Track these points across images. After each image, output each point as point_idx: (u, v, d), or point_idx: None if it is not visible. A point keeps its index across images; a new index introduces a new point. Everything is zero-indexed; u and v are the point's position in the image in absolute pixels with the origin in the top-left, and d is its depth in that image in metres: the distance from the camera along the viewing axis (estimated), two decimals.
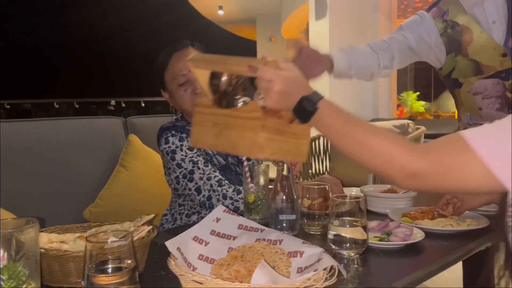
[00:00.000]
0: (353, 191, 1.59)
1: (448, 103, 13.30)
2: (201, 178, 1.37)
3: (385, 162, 0.70)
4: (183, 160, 1.39)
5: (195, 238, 0.81)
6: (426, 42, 1.51)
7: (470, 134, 0.66)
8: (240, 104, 0.87)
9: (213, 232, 0.83)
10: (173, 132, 1.44)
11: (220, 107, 0.90)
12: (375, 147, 0.72)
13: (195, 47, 1.47)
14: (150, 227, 0.87)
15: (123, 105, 10.86)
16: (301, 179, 2.74)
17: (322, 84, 3.76)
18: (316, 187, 1.16)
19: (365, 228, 0.94)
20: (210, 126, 0.91)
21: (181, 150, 1.41)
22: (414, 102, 10.32)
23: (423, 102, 10.54)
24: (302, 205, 1.18)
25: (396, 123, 2.58)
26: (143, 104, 10.40)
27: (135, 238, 0.81)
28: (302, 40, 8.68)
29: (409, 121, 2.57)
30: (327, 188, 1.15)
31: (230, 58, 0.86)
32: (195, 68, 0.92)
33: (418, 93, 10.69)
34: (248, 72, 0.82)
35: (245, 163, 1.21)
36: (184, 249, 0.77)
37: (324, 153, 2.92)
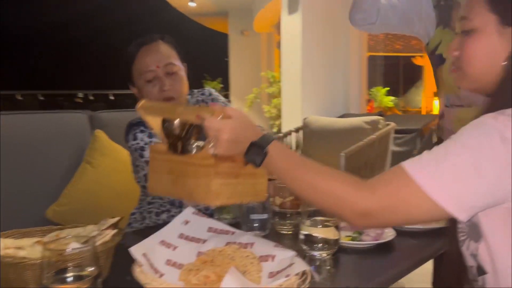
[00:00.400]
0: None
1: (416, 99, 13.63)
2: None
3: (336, 204, 0.72)
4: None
5: (163, 242, 0.77)
6: (416, 9, 1.49)
7: (411, 167, 0.68)
8: (194, 150, 0.88)
9: (181, 236, 0.80)
10: (142, 128, 1.38)
11: (175, 152, 0.90)
12: (325, 190, 0.73)
13: (165, 41, 1.40)
14: (115, 230, 0.82)
15: (91, 97, 10.55)
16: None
17: (294, 81, 3.79)
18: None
19: (337, 227, 0.93)
20: (166, 173, 0.90)
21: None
22: (383, 97, 10.53)
23: (392, 97, 10.77)
24: (273, 204, 1.16)
25: (367, 119, 2.60)
26: (112, 97, 10.13)
27: (98, 243, 0.77)
28: (274, 34, 8.67)
29: (380, 117, 2.60)
30: None
31: (179, 107, 0.87)
32: (146, 115, 0.93)
33: (388, 88, 10.92)
34: (197, 121, 0.83)
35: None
36: (151, 254, 0.74)
37: (296, 148, 2.92)
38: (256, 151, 0.79)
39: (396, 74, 12.70)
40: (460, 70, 0.81)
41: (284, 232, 1.14)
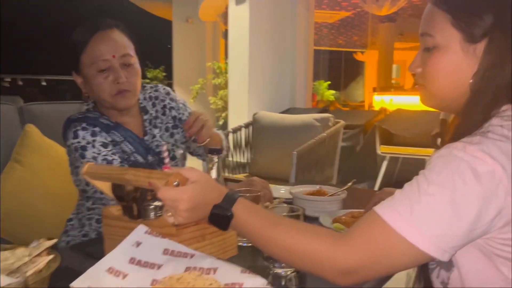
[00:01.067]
0: (282, 190, 1.53)
1: (356, 93, 14.13)
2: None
3: (315, 264, 0.67)
4: (95, 158, 1.20)
5: (111, 270, 0.66)
6: None
7: (386, 213, 0.64)
8: (152, 213, 0.81)
9: (132, 261, 0.69)
10: (84, 125, 1.23)
11: (131, 218, 0.83)
12: (301, 250, 0.68)
13: (120, 29, 1.25)
14: (51, 256, 0.70)
15: (20, 83, 9.74)
16: (225, 172, 2.65)
17: (241, 73, 3.72)
18: (248, 194, 1.06)
19: None
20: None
21: (93, 146, 1.21)
22: (325, 91, 10.78)
23: (333, 91, 11.06)
24: None
25: (317, 117, 2.58)
26: (44, 83, 9.43)
27: (30, 272, 0.64)
28: (220, 23, 8.51)
29: (329, 115, 2.60)
30: (260, 194, 1.06)
31: (128, 171, 0.77)
32: (92, 180, 0.85)
33: (329, 82, 11.19)
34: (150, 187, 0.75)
35: (166, 160, 1.06)
36: (97, 285, 0.62)
37: (246, 144, 2.85)
38: (221, 215, 0.71)
39: (338, 68, 13.05)
40: (424, 87, 0.78)
41: (244, 244, 1.05)
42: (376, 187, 4.26)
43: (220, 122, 5.72)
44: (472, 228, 0.61)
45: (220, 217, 0.71)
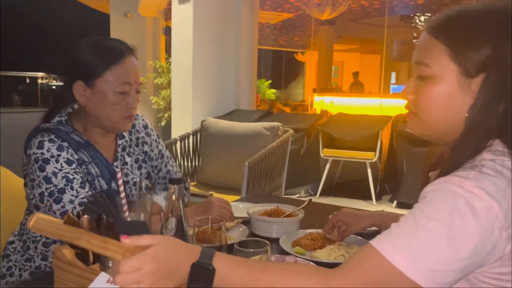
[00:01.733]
0: (240, 206, 1.51)
1: (296, 92, 14.43)
2: (71, 201, 1.11)
3: None
4: (54, 174, 1.12)
5: None
6: None
7: (383, 247, 0.65)
8: (111, 262, 0.72)
9: None
10: (52, 137, 1.16)
11: (85, 263, 0.76)
12: None
13: (135, 55, 1.26)
14: None
15: None
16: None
17: (185, 72, 3.63)
18: (209, 226, 1.02)
19: None
20: None
21: (57, 161, 1.13)
22: (266, 90, 10.89)
23: (274, 90, 11.21)
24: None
25: (267, 125, 2.58)
26: None
27: None
28: (160, 20, 8.25)
29: (279, 124, 2.60)
30: (222, 225, 1.03)
31: (82, 236, 0.69)
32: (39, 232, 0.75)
33: (270, 81, 11.31)
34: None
35: (121, 190, 1.00)
36: None
37: (194, 152, 2.78)
38: (200, 274, 0.66)
39: (279, 68, 13.23)
40: (415, 115, 0.77)
41: None
42: (319, 190, 4.37)
43: (163, 123, 5.57)
44: (468, 264, 0.63)
45: (202, 274, 0.66)
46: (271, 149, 2.32)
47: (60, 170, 1.13)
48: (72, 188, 1.12)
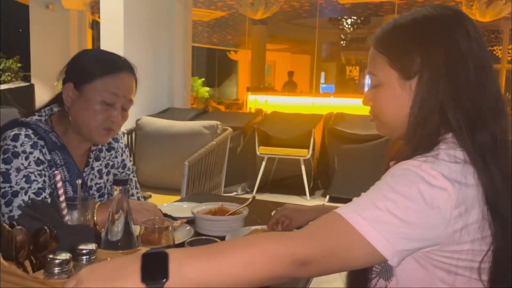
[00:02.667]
0: (184, 205, 1.49)
1: (230, 91, 14.46)
2: (20, 207, 1.06)
3: (274, 262, 0.64)
4: (18, 170, 1.09)
5: None
6: None
7: (350, 215, 0.69)
8: (56, 270, 0.69)
9: None
10: (30, 132, 1.13)
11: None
12: (257, 254, 0.65)
13: (133, 74, 1.27)
14: None
15: None
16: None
17: None
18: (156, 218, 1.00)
19: None
20: None
21: (26, 158, 1.10)
22: (199, 88, 10.81)
23: (207, 88, 11.16)
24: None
25: (206, 124, 2.56)
26: None
27: None
28: (87, 13, 7.85)
29: (218, 122, 2.60)
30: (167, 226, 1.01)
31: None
32: None
33: (203, 79, 11.23)
34: None
35: (61, 193, 0.94)
36: None
37: (129, 152, 2.68)
38: (154, 261, 0.61)
39: (212, 66, 13.17)
40: (376, 118, 0.88)
41: None
42: (256, 186, 4.44)
43: None
44: (423, 235, 0.70)
45: (155, 260, 0.61)
46: (210, 147, 2.31)
47: (26, 168, 1.10)
48: (26, 193, 1.08)
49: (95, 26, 8.11)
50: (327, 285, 2.40)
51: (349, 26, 9.87)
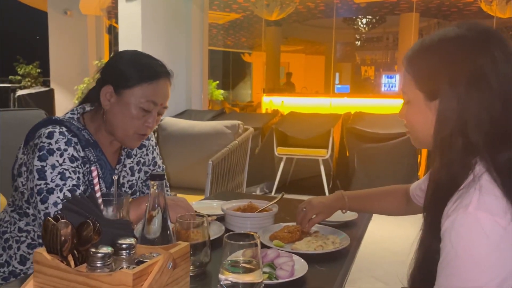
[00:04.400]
0: (214, 204, 1.49)
1: (244, 93, 14.49)
2: (55, 204, 1.08)
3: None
4: (53, 167, 1.10)
5: None
6: None
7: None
8: (99, 263, 0.70)
9: None
10: (64, 129, 1.14)
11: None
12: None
13: (170, 80, 1.26)
14: None
15: None
16: None
17: None
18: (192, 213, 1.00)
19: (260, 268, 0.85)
20: None
21: (61, 155, 1.11)
22: (214, 90, 10.85)
23: (222, 91, 11.20)
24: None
25: (228, 124, 2.57)
26: None
27: None
28: (103, 18, 7.96)
29: (239, 122, 2.60)
30: (205, 218, 1.01)
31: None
32: None
33: (218, 82, 11.28)
34: None
35: (97, 189, 0.95)
36: None
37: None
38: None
39: (226, 68, 13.21)
40: (409, 133, 0.93)
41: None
42: (275, 187, 4.42)
43: None
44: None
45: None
46: (233, 146, 2.31)
47: (60, 165, 1.11)
48: (61, 190, 1.09)
49: (112, 31, 8.21)
50: (360, 285, 2.39)
51: (364, 26, 9.81)
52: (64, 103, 6.91)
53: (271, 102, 7.17)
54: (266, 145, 4.39)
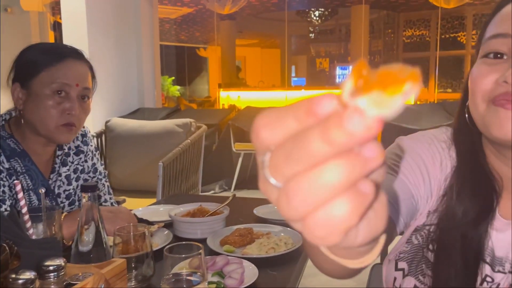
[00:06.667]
0: (160, 209, 1.42)
1: (201, 88, 14.29)
2: None
3: None
4: None
5: None
6: None
7: None
8: None
9: None
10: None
11: None
12: None
13: (84, 60, 1.16)
14: None
15: None
16: None
17: None
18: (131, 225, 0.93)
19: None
20: None
21: None
22: (170, 86, 10.64)
23: (178, 87, 10.99)
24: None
25: (179, 122, 2.48)
26: None
27: None
28: (47, 14, 7.57)
29: (191, 120, 2.52)
30: (146, 229, 0.94)
31: None
32: None
33: (174, 77, 11.06)
34: None
35: (22, 205, 0.86)
36: None
37: (99, 155, 2.57)
38: None
39: (182, 64, 12.96)
40: None
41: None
42: (234, 183, 4.37)
43: None
44: None
45: None
46: (185, 146, 2.23)
47: None
48: None
49: (57, 27, 7.83)
50: (317, 280, 2.38)
51: (317, 18, 9.90)
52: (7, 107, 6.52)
53: (228, 97, 7.10)
54: (223, 141, 4.33)
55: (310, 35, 11.82)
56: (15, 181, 0.97)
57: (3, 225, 0.74)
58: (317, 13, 9.73)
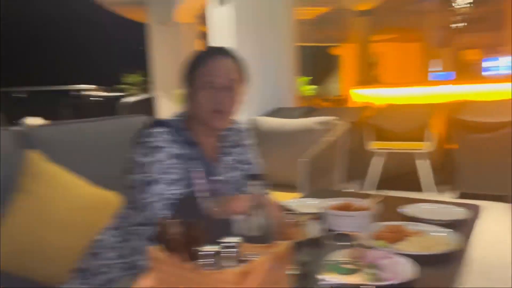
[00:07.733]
0: (307, 202, 1.50)
1: (333, 87, 14.20)
2: (158, 195, 1.16)
3: None
4: (155, 163, 1.20)
5: None
6: None
7: None
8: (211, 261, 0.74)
9: None
10: (165, 129, 1.26)
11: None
12: None
13: (231, 57, 1.33)
14: None
15: None
16: None
17: None
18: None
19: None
20: None
21: (162, 152, 1.22)
22: (304, 87, 10.79)
23: (311, 86, 11.10)
24: None
25: (319, 120, 2.54)
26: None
27: None
28: (196, 25, 8.36)
29: (332, 117, 2.56)
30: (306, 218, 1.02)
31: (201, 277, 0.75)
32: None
33: (310, 77, 11.18)
34: None
35: (201, 194, 1.00)
36: None
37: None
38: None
39: (313, 63, 13.06)
40: None
41: None
42: (376, 182, 4.25)
43: None
44: None
45: None
46: (325, 143, 2.28)
47: (164, 161, 1.20)
48: (163, 183, 1.17)
49: (203, 36, 8.59)
50: None
51: (465, 5, 8.99)
52: (166, 109, 7.42)
53: (362, 95, 6.93)
54: (362, 140, 4.25)
55: (456, 25, 10.80)
56: (194, 170, 1.13)
57: (193, 205, 0.89)
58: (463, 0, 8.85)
